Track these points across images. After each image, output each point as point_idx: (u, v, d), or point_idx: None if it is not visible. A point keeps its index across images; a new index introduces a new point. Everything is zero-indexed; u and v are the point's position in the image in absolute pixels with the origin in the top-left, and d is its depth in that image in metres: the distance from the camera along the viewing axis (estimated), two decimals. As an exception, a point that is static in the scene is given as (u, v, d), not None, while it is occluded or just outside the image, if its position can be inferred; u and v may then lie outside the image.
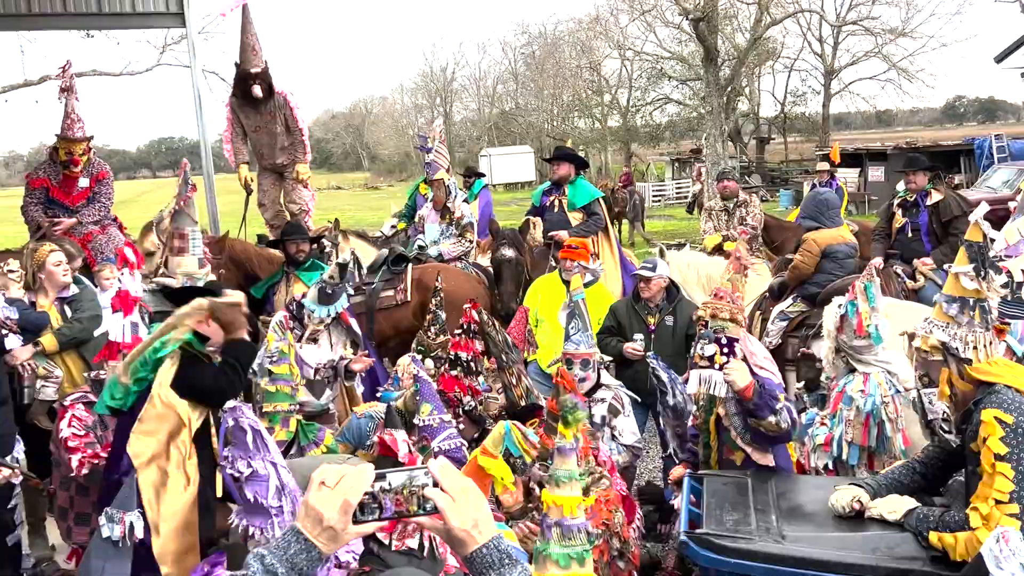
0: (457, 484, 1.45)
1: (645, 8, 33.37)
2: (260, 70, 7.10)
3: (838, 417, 3.92)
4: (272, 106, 7.27)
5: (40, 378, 4.79)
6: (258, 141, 7.47)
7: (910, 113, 61.00)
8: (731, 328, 3.76)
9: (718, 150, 24.02)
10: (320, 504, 1.40)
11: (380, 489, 1.42)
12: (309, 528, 1.40)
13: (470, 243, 7.47)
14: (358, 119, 71.69)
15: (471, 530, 1.43)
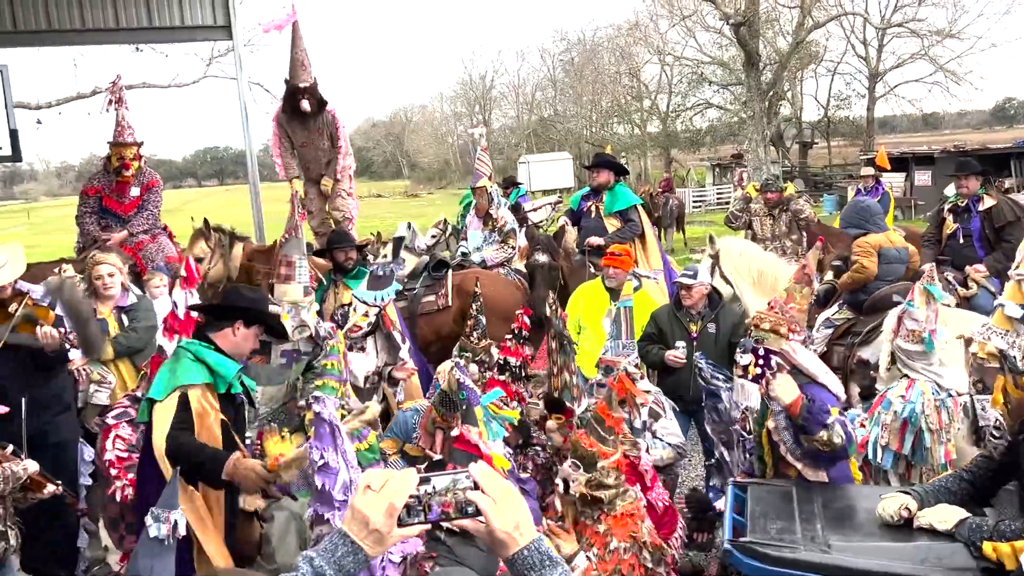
0: (498, 487, 1.47)
1: (685, 13, 33.20)
2: (309, 85, 7.15)
3: (874, 419, 3.85)
4: (320, 122, 7.35)
5: (94, 383, 4.92)
6: (305, 155, 7.57)
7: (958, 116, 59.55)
8: (771, 339, 3.69)
9: (760, 155, 23.76)
10: (366, 507, 1.43)
11: (424, 492, 1.45)
12: (356, 531, 1.43)
13: (513, 249, 7.51)
14: (398, 127, 72.30)
15: (512, 532, 1.45)
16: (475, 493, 1.45)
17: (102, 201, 6.65)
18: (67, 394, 4.68)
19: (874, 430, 3.84)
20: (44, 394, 4.43)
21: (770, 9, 31.06)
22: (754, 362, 3.69)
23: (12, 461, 3.69)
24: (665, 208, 18.84)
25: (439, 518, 1.47)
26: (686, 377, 5.33)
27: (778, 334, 3.69)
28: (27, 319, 4.23)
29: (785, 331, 3.72)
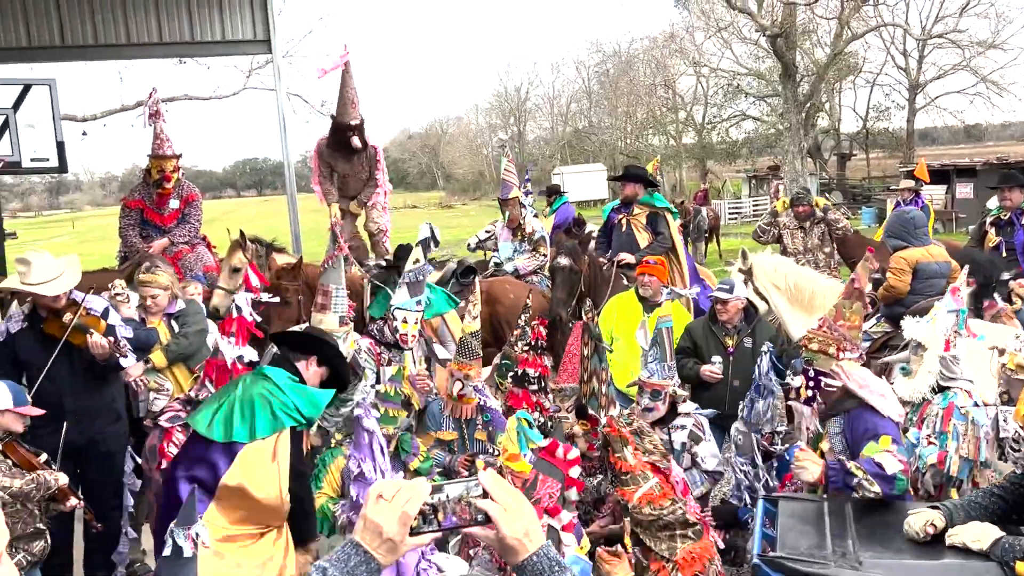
0: (508, 495, 1.49)
1: (721, 25, 33.03)
2: (358, 123, 7.17)
3: (952, 433, 3.76)
4: (364, 157, 7.43)
5: (152, 391, 5.02)
6: (346, 186, 7.66)
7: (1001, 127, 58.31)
8: (820, 360, 3.62)
9: (797, 167, 23.51)
10: (379, 517, 1.44)
11: (437, 501, 1.47)
12: (368, 541, 1.44)
13: (544, 256, 7.55)
14: (434, 139, 72.88)
15: (523, 538, 1.46)
16: (485, 501, 1.47)
17: (144, 213, 6.80)
18: (118, 404, 4.80)
19: (952, 443, 3.74)
20: (96, 403, 4.56)
21: (807, 20, 30.77)
22: (805, 384, 3.63)
23: (46, 470, 3.82)
24: (695, 220, 18.67)
25: (451, 526, 1.49)
26: (722, 392, 5.28)
27: (827, 354, 3.61)
28: (79, 329, 4.35)
29: (834, 351, 3.63)
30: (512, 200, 7.73)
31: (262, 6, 9.42)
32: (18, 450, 3.85)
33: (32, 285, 4.28)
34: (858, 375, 3.61)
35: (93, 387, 4.52)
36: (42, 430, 4.20)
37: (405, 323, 4.87)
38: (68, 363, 4.38)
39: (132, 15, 9.24)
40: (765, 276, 6.36)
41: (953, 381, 3.83)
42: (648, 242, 7.30)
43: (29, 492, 3.75)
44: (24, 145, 7.24)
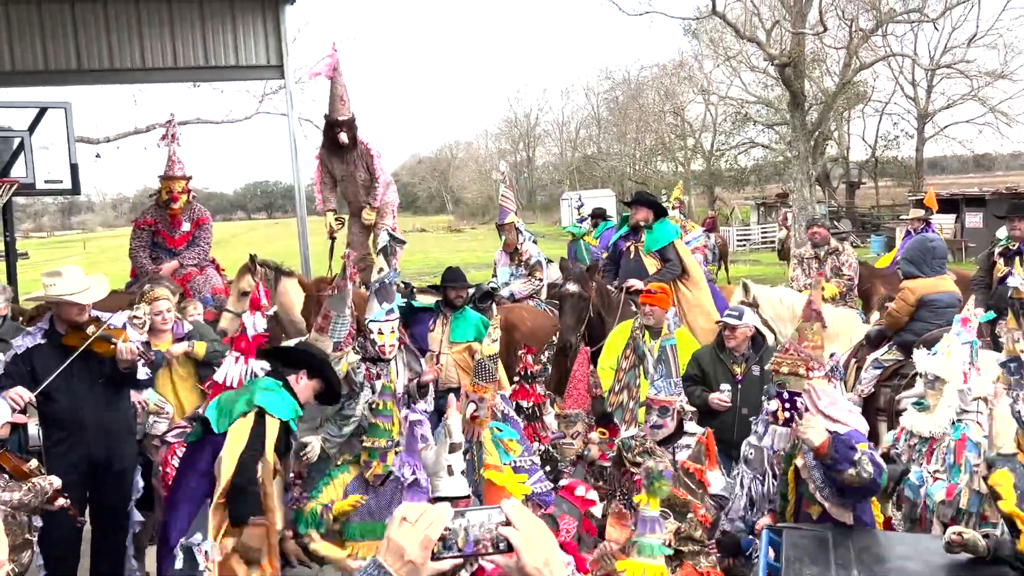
0: (529, 523, 1.48)
1: (730, 54, 33.23)
2: (347, 119, 7.35)
3: (965, 466, 3.75)
4: (355, 156, 7.54)
5: (152, 414, 5.03)
6: (345, 189, 7.77)
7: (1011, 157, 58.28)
8: (792, 382, 3.74)
9: (805, 195, 23.48)
10: (402, 539, 1.44)
11: (459, 526, 1.46)
12: (391, 562, 1.44)
13: (540, 281, 7.60)
14: (443, 163, 73.34)
15: (543, 568, 1.45)
16: (507, 528, 1.46)
17: (155, 235, 6.86)
18: (134, 421, 4.83)
19: (963, 476, 3.74)
20: (113, 419, 4.58)
21: (816, 50, 30.95)
22: (781, 407, 3.70)
23: (38, 476, 3.81)
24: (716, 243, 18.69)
25: (473, 552, 1.48)
26: (730, 420, 5.25)
27: (797, 375, 3.73)
28: (103, 339, 4.37)
29: (804, 371, 3.76)
30: (509, 225, 7.81)
31: (276, 32, 9.55)
32: (10, 460, 3.83)
33: (63, 295, 4.32)
34: (826, 396, 3.70)
35: (110, 402, 4.55)
36: (61, 445, 4.22)
37: (381, 334, 4.88)
38: (87, 378, 4.40)
39: (148, 40, 9.38)
40: (771, 307, 6.35)
41: (966, 414, 3.81)
42: (656, 269, 7.29)
43: (28, 502, 3.75)
44: (39, 167, 7.33)
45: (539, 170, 63.98)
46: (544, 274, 7.74)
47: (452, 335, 6.12)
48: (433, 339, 6.10)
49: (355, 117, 7.46)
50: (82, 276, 4.45)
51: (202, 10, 9.40)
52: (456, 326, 6.14)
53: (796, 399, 3.69)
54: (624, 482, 4.44)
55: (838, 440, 3.37)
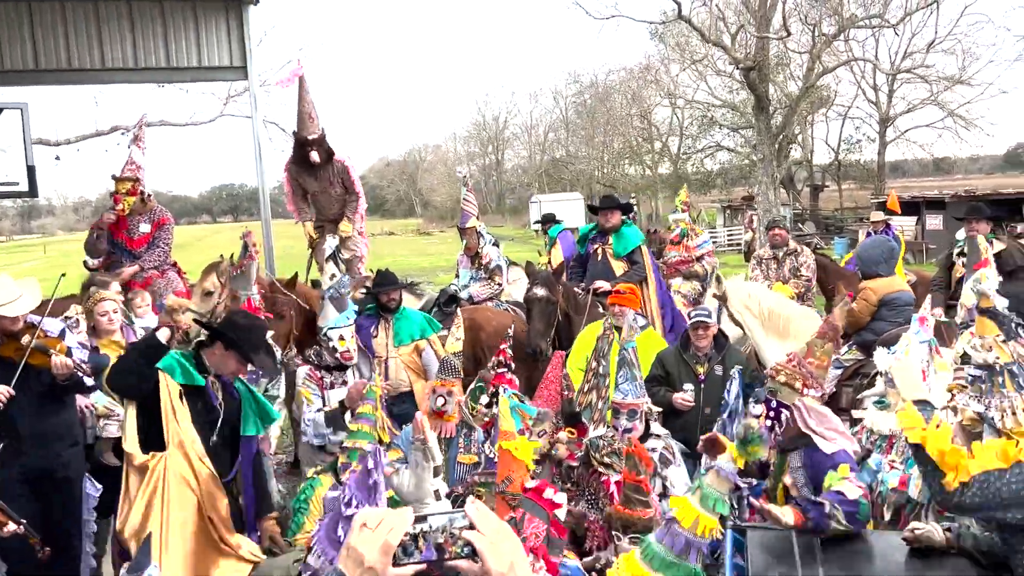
0: (493, 527, 1.46)
1: (696, 58, 33.57)
2: (317, 137, 7.27)
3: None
4: (331, 172, 7.47)
5: (101, 417, 4.93)
6: (318, 203, 7.69)
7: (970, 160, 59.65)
8: (784, 393, 3.66)
9: (770, 197, 23.81)
10: (361, 545, 1.41)
11: (420, 531, 1.44)
12: (351, 569, 1.41)
13: (499, 286, 7.63)
14: (412, 166, 73.20)
15: (507, 572, 1.42)
16: (471, 533, 1.44)
17: (113, 236, 6.74)
18: (76, 429, 4.69)
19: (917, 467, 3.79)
20: (55, 427, 4.44)
21: (781, 54, 31.40)
22: (765, 414, 3.67)
23: None
24: None
25: (435, 557, 1.46)
26: (693, 420, 5.30)
27: (792, 388, 3.66)
28: (39, 350, 4.26)
29: (800, 386, 3.68)
30: (470, 229, 7.81)
31: (239, 33, 9.43)
32: None
33: None
34: (815, 417, 3.65)
35: (51, 411, 4.42)
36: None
37: (342, 340, 4.88)
38: (25, 386, 4.27)
39: (108, 40, 9.21)
40: (740, 302, 6.38)
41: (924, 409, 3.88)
42: (623, 271, 7.33)
43: None
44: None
45: (508, 173, 64.13)
46: (503, 278, 7.76)
47: (396, 338, 6.06)
48: (378, 344, 6.00)
49: (325, 134, 7.37)
50: (11, 284, 4.32)
51: (163, 10, 9.26)
52: (399, 328, 6.06)
53: (781, 411, 3.63)
54: (592, 482, 4.45)
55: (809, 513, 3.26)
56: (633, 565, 3.25)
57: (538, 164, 58.35)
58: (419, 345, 6.07)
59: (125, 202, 6.67)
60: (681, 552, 3.14)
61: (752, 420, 3.24)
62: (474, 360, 6.24)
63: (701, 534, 3.12)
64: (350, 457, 4.35)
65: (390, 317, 6.10)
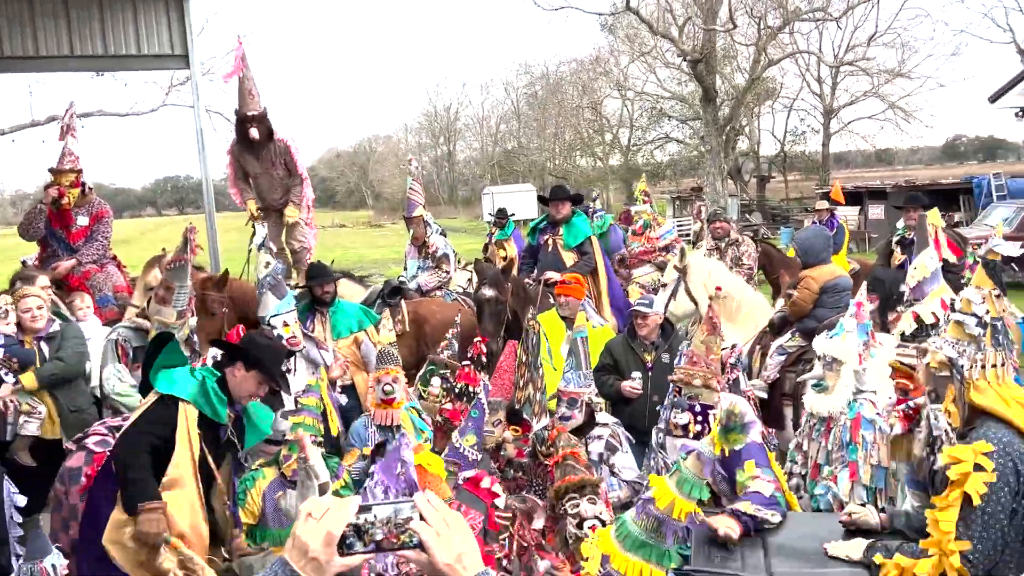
0: (442, 518, 1.45)
1: (644, 50, 33.83)
2: (257, 113, 7.15)
3: (861, 443, 3.89)
4: (272, 153, 7.34)
5: (23, 414, 4.79)
6: (260, 186, 7.56)
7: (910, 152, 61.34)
8: (705, 395, 3.77)
9: (717, 188, 24.20)
10: (306, 535, 1.41)
11: (365, 521, 1.43)
12: (295, 559, 1.41)
13: (447, 274, 7.63)
14: (362, 158, 72.38)
15: (455, 564, 1.42)
16: (419, 524, 1.43)
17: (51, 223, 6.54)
18: None
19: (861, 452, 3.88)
20: None
21: (727, 47, 31.83)
22: (693, 420, 3.73)
23: None
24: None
25: (381, 548, 1.44)
26: (642, 407, 5.35)
27: (710, 388, 3.76)
28: None
29: (716, 384, 3.80)
30: (417, 218, 7.79)
31: (180, 20, 9.20)
32: None
33: None
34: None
35: None
36: None
37: (287, 326, 4.84)
38: None
39: (41, 26, 8.89)
40: (699, 278, 6.41)
41: (861, 394, 3.98)
42: (573, 262, 7.37)
43: None
44: (-79, 160, 6.89)
45: (460, 164, 63.86)
46: (451, 267, 7.76)
47: (334, 331, 5.99)
48: (317, 339, 5.88)
49: (267, 111, 7.26)
50: None
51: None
52: (336, 321, 5.99)
53: (708, 411, 3.70)
54: (539, 473, 4.47)
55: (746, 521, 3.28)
56: (607, 542, 3.27)
57: (490, 155, 58.22)
58: (357, 337, 6.02)
59: (70, 194, 6.48)
60: (655, 533, 3.16)
61: (735, 405, 3.25)
62: (418, 353, 6.21)
63: (677, 517, 3.14)
64: (291, 449, 4.31)
65: (325, 311, 6.03)
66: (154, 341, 4.10)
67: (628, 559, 3.20)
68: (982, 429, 2.74)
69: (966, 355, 2.84)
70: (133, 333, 5.18)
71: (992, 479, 2.60)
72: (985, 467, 2.62)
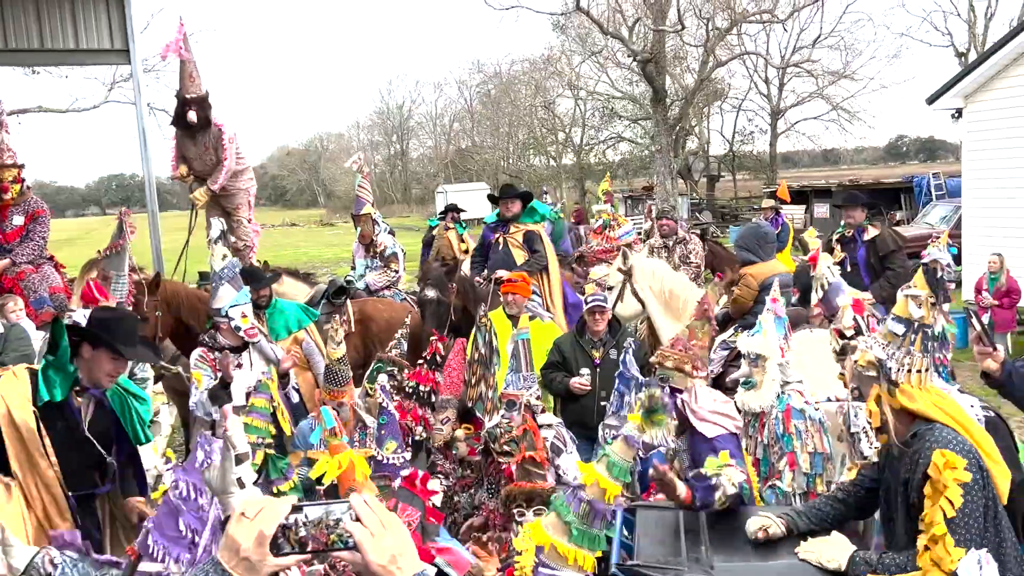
0: (377, 519, 1.43)
1: (595, 50, 34.07)
2: (197, 96, 7.03)
3: (795, 433, 3.98)
4: (208, 137, 7.22)
5: None
6: (193, 170, 7.42)
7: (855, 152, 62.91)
8: (676, 378, 3.79)
9: (668, 187, 24.48)
10: (238, 535, 1.40)
11: (298, 522, 1.41)
12: (227, 559, 1.40)
13: (396, 273, 7.56)
14: (314, 156, 71.52)
15: (389, 565, 1.41)
16: (352, 524, 1.42)
17: None
18: None
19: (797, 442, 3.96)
20: None
21: (677, 47, 32.22)
22: None
23: None
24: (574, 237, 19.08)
25: (314, 548, 1.43)
26: (590, 404, 5.40)
27: (683, 372, 3.78)
28: None
29: (690, 368, 3.81)
30: (365, 216, 7.70)
31: (120, 15, 8.97)
32: None
33: None
34: (703, 399, 3.75)
35: None
36: None
37: (244, 317, 4.77)
38: None
39: (-27, 19, 8.62)
40: (644, 279, 6.49)
41: (787, 385, 4.08)
42: (524, 260, 7.39)
43: None
44: None
45: (413, 163, 63.51)
46: (400, 266, 7.69)
47: (272, 334, 5.91)
48: None
49: (208, 96, 7.13)
50: None
51: (36, -12, 8.74)
52: (274, 322, 5.93)
53: (677, 395, 3.72)
54: (492, 471, 4.48)
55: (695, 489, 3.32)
56: (539, 533, 3.28)
57: (444, 154, 58.03)
58: (298, 336, 5.96)
59: (12, 190, 6.29)
60: (586, 518, 3.20)
61: (655, 389, 3.29)
62: (364, 352, 6.17)
63: (607, 500, 3.18)
64: None
65: (262, 313, 5.96)
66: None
67: (561, 546, 3.24)
68: (935, 433, 2.74)
69: (895, 358, 2.90)
70: None
71: (967, 479, 2.62)
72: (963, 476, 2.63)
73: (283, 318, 5.92)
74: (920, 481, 2.72)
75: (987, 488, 2.67)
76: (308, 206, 70.79)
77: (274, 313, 5.92)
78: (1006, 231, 12.02)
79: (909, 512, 2.80)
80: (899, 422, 2.87)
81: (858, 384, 3.08)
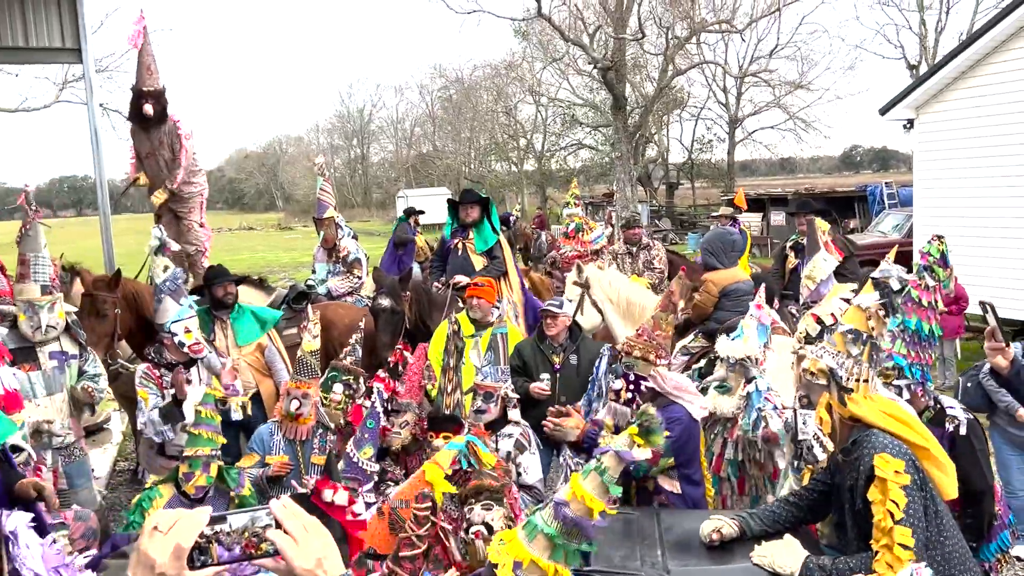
0: (299, 524, 1.42)
1: (556, 56, 34.26)
2: (154, 90, 6.95)
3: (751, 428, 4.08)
4: (163, 132, 7.11)
5: None
6: (149, 168, 7.30)
7: (811, 161, 64.14)
8: (640, 366, 3.91)
9: (628, 194, 24.67)
10: (152, 550, 1.33)
11: (219, 531, 1.38)
12: (141, 574, 1.33)
13: (359, 279, 7.48)
14: (272, 159, 70.73)
15: (315, 569, 1.39)
16: (275, 531, 1.39)
17: None
18: None
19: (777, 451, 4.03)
20: None
21: (637, 55, 32.55)
22: (625, 387, 3.88)
23: None
24: (535, 244, 19.16)
25: (235, 558, 1.40)
26: (550, 408, 5.40)
27: (647, 361, 3.91)
28: None
29: (653, 357, 3.95)
30: (328, 220, 7.61)
31: (72, 12, 8.76)
32: None
33: None
34: (672, 379, 3.97)
35: None
36: None
37: (188, 332, 4.70)
38: None
39: (-84, 15, 8.36)
40: (601, 289, 6.52)
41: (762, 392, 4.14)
42: (483, 266, 7.37)
43: None
44: None
45: (374, 167, 63.16)
46: (363, 271, 7.62)
47: (238, 338, 5.83)
48: (218, 348, 5.72)
49: (165, 90, 7.02)
50: None
51: (-17, -17, 8.51)
52: (240, 328, 5.83)
53: (641, 382, 3.89)
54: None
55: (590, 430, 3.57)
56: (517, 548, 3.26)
57: (405, 158, 57.80)
58: (261, 343, 5.88)
59: None
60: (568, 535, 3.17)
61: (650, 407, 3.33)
62: (325, 357, 6.11)
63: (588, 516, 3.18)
64: (192, 466, 4.16)
65: (226, 317, 5.86)
66: None
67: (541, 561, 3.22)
68: (871, 440, 2.80)
69: (844, 367, 2.95)
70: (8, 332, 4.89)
71: (907, 480, 2.67)
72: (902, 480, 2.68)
73: (248, 323, 5.83)
74: (864, 487, 2.78)
75: (924, 488, 2.74)
76: (266, 210, 69.91)
77: (239, 319, 5.82)
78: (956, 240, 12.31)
79: (856, 518, 2.85)
80: (843, 429, 2.93)
81: (806, 392, 3.14)
